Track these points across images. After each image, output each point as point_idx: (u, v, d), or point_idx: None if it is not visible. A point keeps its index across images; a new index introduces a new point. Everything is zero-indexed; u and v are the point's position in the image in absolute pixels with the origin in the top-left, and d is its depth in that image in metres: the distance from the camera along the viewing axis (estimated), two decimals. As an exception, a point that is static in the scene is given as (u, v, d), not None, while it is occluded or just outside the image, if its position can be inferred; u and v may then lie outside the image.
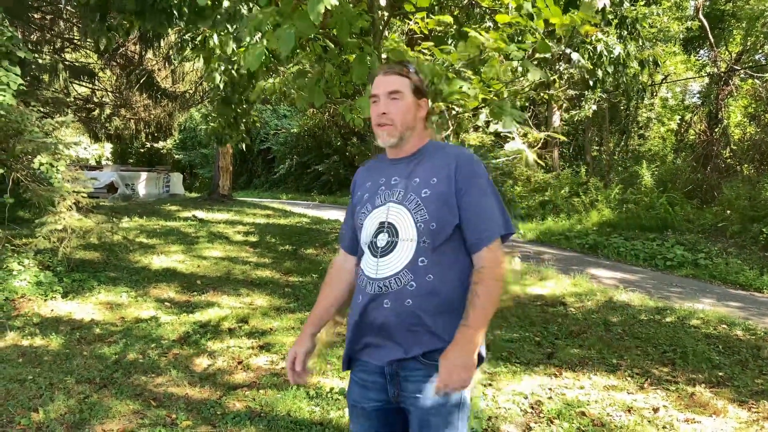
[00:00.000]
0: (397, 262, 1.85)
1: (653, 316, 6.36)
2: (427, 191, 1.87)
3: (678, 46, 18.29)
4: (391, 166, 2.00)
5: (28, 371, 4.43)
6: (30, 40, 13.59)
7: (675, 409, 4.04)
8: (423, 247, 1.84)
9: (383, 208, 1.92)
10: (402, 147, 1.98)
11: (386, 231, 1.89)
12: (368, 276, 1.90)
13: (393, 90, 1.93)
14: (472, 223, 1.86)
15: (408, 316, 1.82)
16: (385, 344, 1.88)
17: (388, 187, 1.95)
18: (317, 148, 28.01)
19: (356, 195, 2.07)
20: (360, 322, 1.92)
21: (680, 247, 10.71)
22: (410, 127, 1.96)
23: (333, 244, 10.66)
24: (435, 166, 1.91)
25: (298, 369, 2.05)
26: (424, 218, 1.84)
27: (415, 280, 1.82)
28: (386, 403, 1.92)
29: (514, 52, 3.76)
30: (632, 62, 8.20)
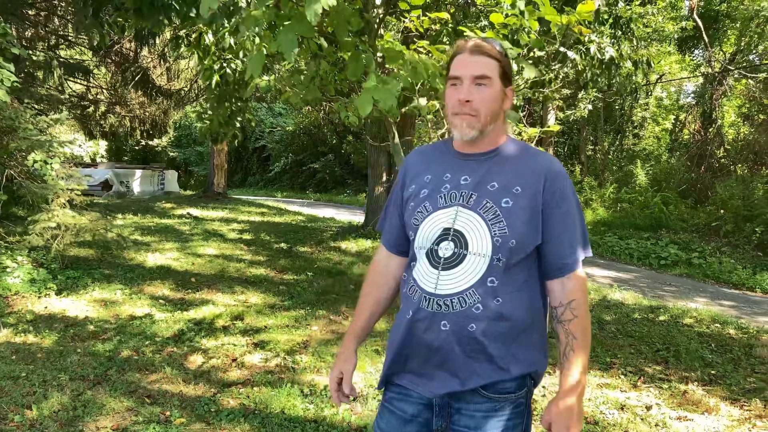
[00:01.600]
0: (463, 278, 1.59)
1: (647, 315, 6.38)
2: (509, 201, 1.60)
3: (673, 46, 18.34)
4: (460, 161, 1.70)
5: (22, 368, 4.42)
6: (24, 37, 13.54)
7: (668, 407, 4.06)
8: (496, 266, 1.58)
9: (449, 211, 1.63)
10: (479, 141, 1.67)
11: (452, 240, 1.61)
12: (424, 289, 1.62)
13: (482, 74, 1.61)
14: (556, 246, 1.62)
15: (470, 342, 1.58)
16: (436, 373, 1.64)
17: (455, 186, 1.66)
18: (312, 146, 28.01)
19: (409, 186, 1.77)
20: (407, 342, 1.66)
21: (674, 246, 10.77)
22: (494, 119, 1.66)
23: (328, 243, 10.66)
24: (518, 173, 1.64)
25: (346, 390, 1.84)
26: (503, 233, 1.58)
27: (482, 302, 1.57)
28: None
29: (509, 49, 3.77)
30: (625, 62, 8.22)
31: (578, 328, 1.61)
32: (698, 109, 17.35)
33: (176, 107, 18.13)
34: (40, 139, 7.10)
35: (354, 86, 4.05)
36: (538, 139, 6.80)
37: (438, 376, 1.64)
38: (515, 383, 1.64)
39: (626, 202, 14.12)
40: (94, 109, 17.34)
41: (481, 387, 1.62)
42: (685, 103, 20.39)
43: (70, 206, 7.30)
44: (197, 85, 17.20)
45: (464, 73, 1.62)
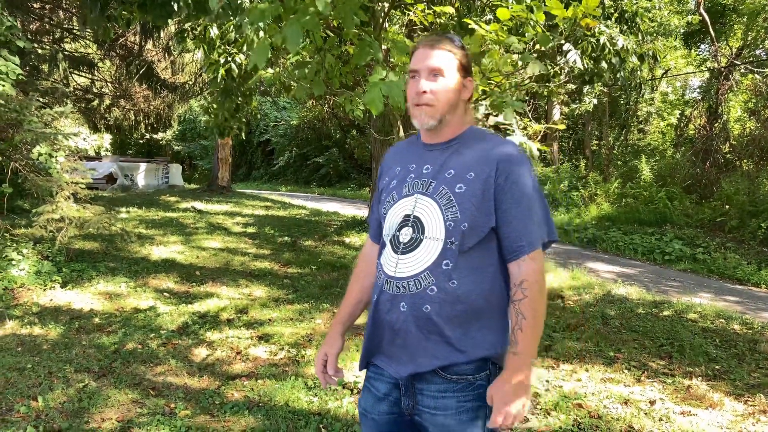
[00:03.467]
0: (418, 262, 1.64)
1: (651, 310, 6.37)
2: (462, 186, 1.64)
3: (678, 41, 18.25)
4: (426, 152, 1.77)
5: (27, 360, 4.44)
6: (29, 30, 13.55)
7: (671, 402, 4.06)
8: (449, 249, 1.62)
9: (410, 199, 1.71)
10: (440, 131, 1.74)
11: (411, 225, 1.68)
12: (386, 273, 1.70)
13: (437, 67, 1.69)
14: (511, 228, 1.64)
15: (426, 323, 1.63)
16: (400, 355, 1.70)
17: (418, 175, 1.73)
18: (316, 141, 28.01)
19: (383, 180, 1.86)
20: (375, 322, 1.74)
21: (679, 241, 10.74)
22: (452, 110, 1.72)
23: (332, 236, 10.67)
24: (474, 159, 1.68)
25: (330, 371, 1.91)
26: (455, 216, 1.62)
27: (436, 284, 1.62)
28: (398, 415, 1.76)
29: (514, 44, 3.76)
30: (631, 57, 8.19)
31: (528, 308, 1.61)
32: (704, 104, 17.28)
33: (181, 101, 18.13)
34: (44, 132, 7.11)
35: (359, 79, 4.04)
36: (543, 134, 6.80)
37: (401, 357, 1.70)
38: (473, 365, 1.66)
39: (631, 197, 14.08)
40: (98, 102, 17.36)
41: (439, 368, 1.65)
42: (690, 98, 20.29)
43: (74, 199, 7.32)
44: (202, 79, 17.19)
45: (421, 66, 1.70)
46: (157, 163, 22.30)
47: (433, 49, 1.70)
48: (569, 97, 16.45)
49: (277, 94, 22.58)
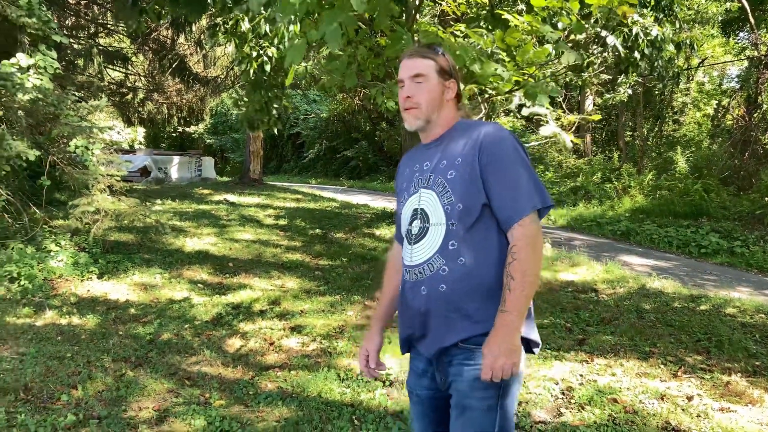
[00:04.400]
0: (428, 247, 1.81)
1: (687, 304, 6.26)
2: (453, 172, 1.81)
3: (716, 29, 17.80)
4: (425, 152, 1.95)
5: (67, 349, 4.54)
6: (65, 25, 13.79)
7: (709, 398, 3.98)
8: (452, 230, 1.78)
9: (416, 195, 1.89)
10: (431, 130, 1.92)
11: (419, 217, 1.86)
12: (405, 264, 1.90)
13: (416, 73, 1.88)
14: (500, 200, 1.76)
15: (443, 301, 1.78)
16: (428, 334, 1.84)
17: (420, 173, 1.91)
18: (346, 133, 28.04)
19: (398, 184, 2.05)
20: (404, 310, 1.92)
21: (715, 234, 10.51)
22: (436, 109, 1.89)
23: (362, 229, 10.69)
24: (461, 146, 1.84)
25: (372, 365, 2.09)
26: (450, 200, 1.79)
27: (447, 264, 1.78)
28: (437, 391, 1.91)
29: (549, 33, 3.70)
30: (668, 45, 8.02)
31: (516, 270, 1.71)
32: (742, 94, 16.85)
33: (212, 94, 18.30)
34: (81, 125, 7.24)
35: (391, 71, 4.02)
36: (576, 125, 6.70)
37: (429, 336, 1.85)
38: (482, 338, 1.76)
39: (665, 190, 13.81)
40: (132, 96, 17.61)
41: (460, 341, 1.79)
42: (728, 87, 19.82)
43: (110, 192, 7.45)
44: (233, 72, 17.32)
45: (404, 75, 1.90)
46: (190, 156, 22.55)
47: (413, 59, 1.90)
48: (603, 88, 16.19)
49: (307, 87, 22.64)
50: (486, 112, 4.53)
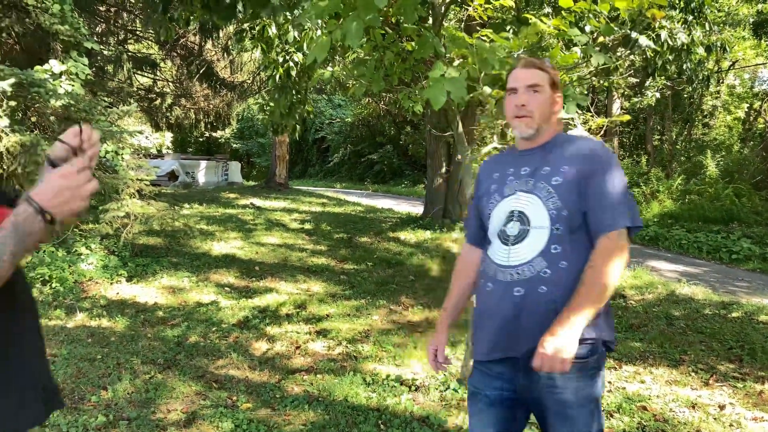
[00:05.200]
0: (530, 249, 1.85)
1: (718, 311, 6.14)
2: (558, 179, 1.87)
3: (748, 31, 17.49)
4: (521, 157, 2.01)
5: (97, 351, 4.61)
6: (95, 32, 14.04)
7: (742, 407, 3.90)
8: (556, 235, 1.84)
9: (512, 197, 1.94)
10: (536, 139, 1.99)
11: (517, 219, 1.90)
12: (498, 264, 1.91)
13: (533, 83, 1.95)
14: (594, 211, 1.85)
15: (541, 303, 1.82)
16: (517, 335, 1.85)
17: (516, 177, 1.96)
18: (371, 137, 28.11)
19: (482, 187, 2.09)
20: (486, 310, 1.94)
21: (747, 240, 10.30)
22: (546, 120, 1.97)
23: (387, 233, 10.69)
24: (566, 155, 1.92)
25: (441, 360, 2.15)
26: (557, 205, 1.85)
27: (549, 267, 1.83)
28: (512, 392, 1.92)
29: (577, 36, 3.67)
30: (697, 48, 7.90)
31: (588, 277, 1.78)
32: (774, 97, 16.53)
33: (239, 99, 18.46)
34: (111, 130, 7.35)
35: (418, 75, 4.02)
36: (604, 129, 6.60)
37: (519, 337, 1.85)
38: (588, 346, 1.81)
39: (695, 194, 13.59)
40: (160, 101, 17.84)
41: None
42: (760, 90, 19.45)
43: (139, 196, 7.56)
44: (259, 78, 17.47)
45: (519, 84, 1.96)
46: (217, 160, 22.77)
47: (529, 69, 1.96)
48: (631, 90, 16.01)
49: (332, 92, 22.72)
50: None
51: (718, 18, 15.35)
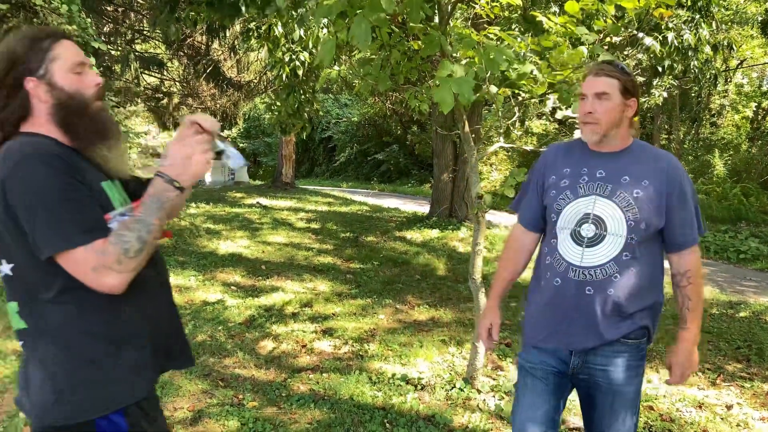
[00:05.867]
0: (604, 254, 1.99)
1: (726, 311, 6.12)
2: (639, 192, 1.99)
3: (756, 29, 17.40)
4: (595, 158, 2.09)
5: (104, 349, 4.62)
6: (103, 32, 14.08)
7: (750, 407, 3.89)
8: (630, 244, 1.98)
9: (588, 199, 2.03)
10: (606, 143, 2.08)
11: (592, 223, 2.01)
12: (570, 262, 2.04)
13: (601, 91, 2.03)
14: (677, 227, 2.03)
15: (610, 304, 1.99)
16: (580, 327, 2.04)
17: (591, 178, 2.05)
18: (377, 137, 28.11)
19: (550, 177, 2.16)
20: (554, 303, 2.09)
21: (755, 239, 10.26)
22: (615, 126, 2.05)
23: (393, 233, 10.69)
24: (646, 169, 2.03)
25: (495, 337, 2.34)
26: (636, 217, 1.97)
27: (619, 272, 1.98)
28: (559, 370, 2.13)
29: (585, 35, 3.66)
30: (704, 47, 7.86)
31: (693, 292, 2.06)
32: (783, 96, 16.43)
33: (246, 99, 18.50)
34: (118, 130, 7.38)
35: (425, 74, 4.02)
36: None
37: (582, 330, 2.04)
38: (639, 332, 2.06)
39: (703, 194, 13.55)
40: (167, 101, 17.88)
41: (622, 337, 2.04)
42: (768, 89, 19.35)
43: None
44: (266, 77, 17.49)
45: (588, 90, 2.05)
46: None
47: (599, 77, 2.04)
48: (637, 90, 15.93)
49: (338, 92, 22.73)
50: (519, 115, 4.50)
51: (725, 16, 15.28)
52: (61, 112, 1.49)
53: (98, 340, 1.48)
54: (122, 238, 1.39)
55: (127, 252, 1.39)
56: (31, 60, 1.47)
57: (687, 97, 18.33)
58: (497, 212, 14.15)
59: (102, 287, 1.40)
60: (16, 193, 1.36)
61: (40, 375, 1.47)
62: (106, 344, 1.48)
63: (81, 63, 1.53)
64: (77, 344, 1.46)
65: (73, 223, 1.37)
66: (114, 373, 1.49)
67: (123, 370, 1.51)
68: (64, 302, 1.44)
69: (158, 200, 1.43)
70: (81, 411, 1.46)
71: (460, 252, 9.13)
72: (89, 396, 1.46)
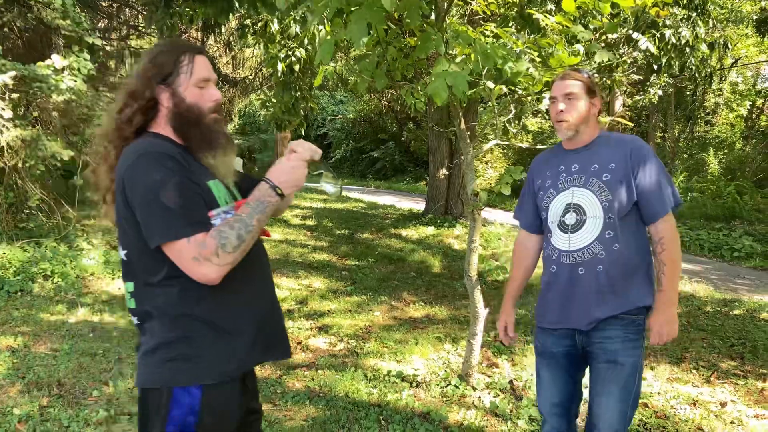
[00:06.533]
0: (587, 236, 2.23)
1: (720, 308, 6.14)
2: (608, 175, 2.22)
3: (750, 28, 17.43)
4: (569, 155, 2.36)
5: (99, 346, 4.62)
6: (98, 28, 14.01)
7: (744, 404, 3.90)
8: (609, 222, 2.21)
9: (567, 192, 2.29)
10: (578, 138, 2.33)
11: (573, 211, 2.26)
12: (561, 249, 2.29)
13: (568, 92, 2.29)
14: (647, 199, 2.22)
15: (601, 280, 2.21)
16: (579, 306, 2.25)
17: (568, 173, 2.32)
18: (373, 134, 28.05)
19: (536, 182, 2.45)
20: (554, 287, 2.32)
21: (749, 237, 10.29)
22: (584, 122, 2.30)
23: (388, 230, 10.69)
24: (611, 153, 2.27)
25: (511, 334, 2.57)
26: (608, 198, 2.20)
27: (604, 249, 2.21)
28: (573, 348, 2.34)
29: (581, 33, 3.66)
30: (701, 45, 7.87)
31: (667, 258, 2.22)
32: (777, 95, 16.48)
33: (241, 95, 18.46)
34: (114, 126, 7.33)
35: (421, 71, 4.02)
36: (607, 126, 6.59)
37: (580, 308, 2.25)
38: (636, 309, 2.23)
39: (697, 192, 13.58)
40: (162, 97, 17.80)
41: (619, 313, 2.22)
42: (762, 88, 19.40)
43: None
44: (262, 74, 17.45)
45: (557, 93, 2.32)
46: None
47: (565, 80, 2.32)
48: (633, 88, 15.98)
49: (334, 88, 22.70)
50: (516, 113, 4.50)
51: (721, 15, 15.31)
52: (178, 119, 1.69)
53: (196, 321, 1.63)
54: (222, 234, 1.57)
55: (225, 247, 1.56)
56: (170, 71, 1.68)
57: (682, 95, 18.37)
58: (493, 210, 14.17)
59: (199, 276, 1.57)
60: (133, 188, 1.57)
61: (144, 346, 1.68)
62: (203, 326, 1.64)
63: (206, 79, 1.72)
64: (177, 322, 1.63)
65: (180, 217, 1.55)
66: (204, 352, 1.64)
67: (213, 352, 1.65)
68: (169, 286, 1.62)
69: (261, 203, 1.65)
70: (166, 379, 1.63)
71: (456, 249, 9.13)
72: (177, 367, 1.63)
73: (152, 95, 1.69)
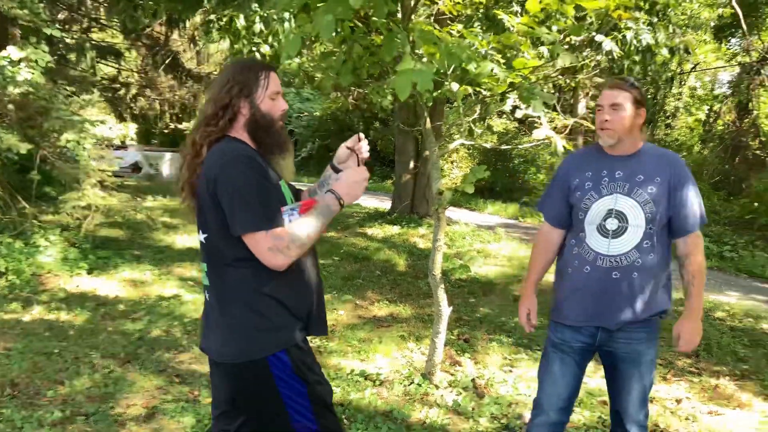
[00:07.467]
0: (627, 243, 2.34)
1: (676, 308, 6.27)
2: (653, 189, 2.34)
3: (709, 34, 17.88)
4: (612, 160, 2.43)
5: (54, 345, 4.50)
6: (58, 20, 13.67)
7: (698, 401, 4.00)
8: (648, 233, 2.34)
9: (610, 198, 2.38)
10: (620, 147, 2.41)
11: (615, 217, 2.36)
12: (598, 252, 2.39)
13: (614, 103, 2.37)
14: (684, 216, 2.37)
15: (634, 286, 2.34)
16: (608, 308, 2.38)
17: (611, 179, 2.39)
18: (339, 132, 27.95)
19: (573, 180, 2.50)
20: (586, 287, 2.42)
21: (705, 238, 10.47)
22: (628, 132, 2.38)
23: (354, 228, 10.68)
24: (656, 167, 2.37)
25: (534, 322, 2.68)
26: (652, 210, 2.32)
27: (641, 258, 2.34)
28: (589, 344, 2.49)
29: (545, 35, 3.70)
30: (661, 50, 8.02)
31: (696, 270, 2.39)
32: (733, 100, 16.94)
33: (206, 91, 18.20)
34: (72, 119, 7.17)
35: (387, 69, 4.01)
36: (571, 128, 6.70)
37: (609, 310, 2.38)
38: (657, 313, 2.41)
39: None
40: (124, 91, 17.49)
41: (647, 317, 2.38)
42: (719, 93, 19.92)
43: (101, 187, 7.39)
44: (226, 69, 17.23)
45: (604, 102, 2.40)
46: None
47: (612, 90, 2.40)
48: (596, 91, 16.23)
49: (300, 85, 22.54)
50: (480, 113, 4.52)
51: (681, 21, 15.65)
52: (253, 126, 1.99)
53: (265, 297, 1.92)
54: (295, 231, 1.88)
55: (295, 242, 1.87)
56: (251, 87, 1.98)
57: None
58: (457, 209, 14.25)
59: (270, 263, 1.86)
60: (224, 183, 1.85)
61: (220, 322, 1.96)
62: (272, 301, 1.93)
63: (277, 92, 2.04)
64: (249, 299, 1.92)
65: (261, 212, 1.84)
66: (277, 322, 1.94)
67: (284, 321, 1.95)
68: (241, 267, 1.91)
69: (327, 210, 1.99)
70: (254, 351, 1.92)
71: (421, 248, 9.16)
72: (259, 338, 1.92)
73: (237, 106, 1.97)
